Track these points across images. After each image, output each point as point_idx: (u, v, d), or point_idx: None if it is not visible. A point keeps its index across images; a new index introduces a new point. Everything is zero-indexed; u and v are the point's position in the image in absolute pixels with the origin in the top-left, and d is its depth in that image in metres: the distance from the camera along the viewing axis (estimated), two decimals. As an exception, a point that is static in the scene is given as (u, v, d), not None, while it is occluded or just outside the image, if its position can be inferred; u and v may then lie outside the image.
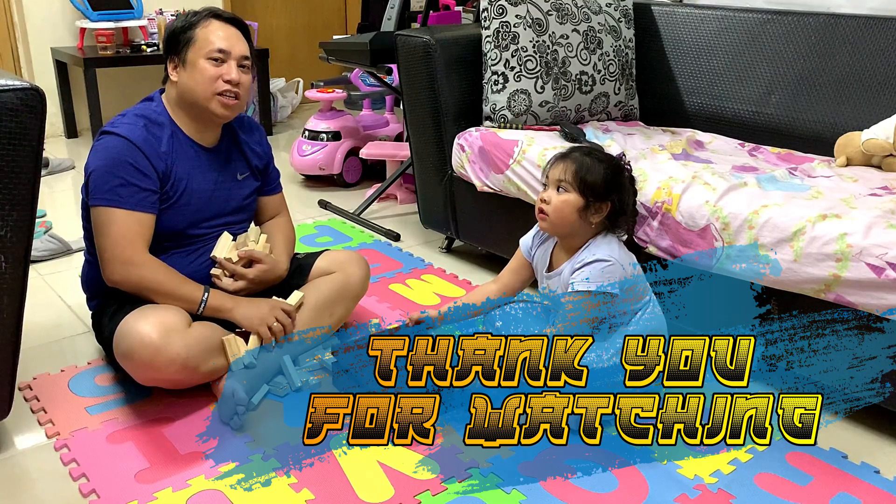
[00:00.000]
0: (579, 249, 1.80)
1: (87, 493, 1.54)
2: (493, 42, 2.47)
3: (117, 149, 1.77)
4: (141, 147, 1.78)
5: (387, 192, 3.33)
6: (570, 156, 1.79)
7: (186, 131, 1.88)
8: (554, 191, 1.78)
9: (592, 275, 1.73)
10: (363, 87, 4.03)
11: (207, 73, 1.82)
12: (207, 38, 1.83)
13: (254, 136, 2.04)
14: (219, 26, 1.85)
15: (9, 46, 4.27)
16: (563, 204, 1.76)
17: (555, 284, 1.84)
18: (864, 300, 1.67)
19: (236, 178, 1.99)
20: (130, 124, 1.81)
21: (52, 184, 3.56)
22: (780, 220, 1.78)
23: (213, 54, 1.82)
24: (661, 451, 1.69)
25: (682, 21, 2.80)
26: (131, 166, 1.76)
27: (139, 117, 1.83)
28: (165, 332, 1.67)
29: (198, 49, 1.83)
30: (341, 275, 2.04)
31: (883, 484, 1.61)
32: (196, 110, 1.86)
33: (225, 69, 1.83)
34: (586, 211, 1.76)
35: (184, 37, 1.84)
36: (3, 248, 1.49)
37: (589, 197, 1.75)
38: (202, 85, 1.82)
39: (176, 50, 1.85)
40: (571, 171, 1.76)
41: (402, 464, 1.64)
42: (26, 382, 1.92)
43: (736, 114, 2.63)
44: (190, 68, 1.83)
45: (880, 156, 2.19)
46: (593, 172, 1.75)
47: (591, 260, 1.75)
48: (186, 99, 1.85)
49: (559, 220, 1.78)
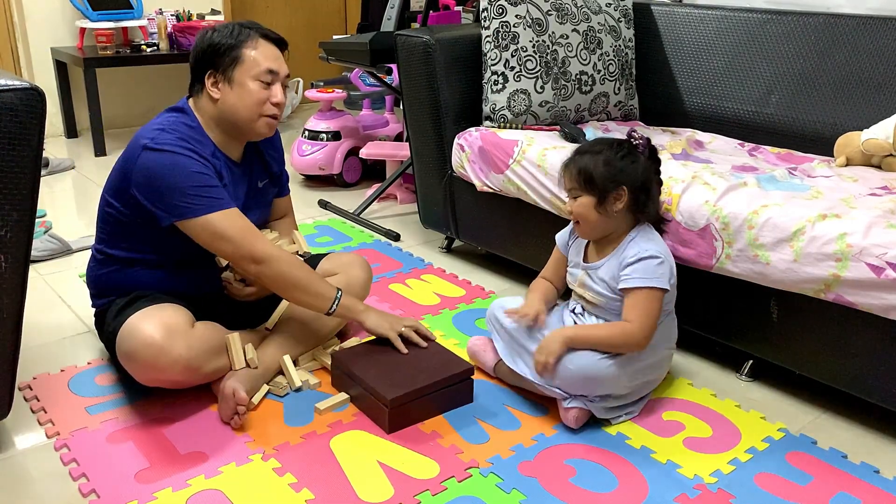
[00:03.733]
0: (620, 243, 1.81)
1: (86, 493, 1.54)
2: (493, 42, 2.47)
3: (178, 163, 1.71)
4: (196, 159, 1.74)
5: (387, 192, 3.34)
6: (572, 160, 1.81)
7: (220, 147, 1.86)
8: (571, 200, 1.81)
9: (646, 272, 1.74)
10: (363, 87, 4.03)
11: (257, 96, 1.80)
12: (256, 59, 1.80)
13: (272, 142, 2.04)
14: (266, 46, 1.82)
15: (9, 46, 4.27)
16: (581, 208, 1.78)
17: (594, 276, 1.83)
18: (863, 300, 1.67)
19: (258, 186, 1.99)
20: (174, 141, 1.74)
21: (52, 184, 3.56)
22: (780, 220, 1.78)
23: (263, 77, 1.80)
24: (660, 451, 1.70)
25: (682, 21, 2.80)
26: (199, 174, 1.72)
27: (180, 135, 1.76)
28: (168, 333, 1.67)
29: (246, 69, 1.79)
30: (344, 276, 2.04)
31: (883, 484, 1.61)
32: (236, 129, 1.85)
33: (273, 91, 1.82)
34: (604, 205, 1.77)
35: (231, 54, 1.79)
36: (3, 248, 1.49)
37: (599, 192, 1.76)
38: (251, 107, 1.81)
39: (218, 66, 1.80)
40: (574, 176, 1.79)
41: (402, 464, 1.64)
42: (26, 382, 1.93)
43: (736, 114, 2.63)
44: (238, 88, 1.80)
45: (880, 156, 2.19)
46: (592, 168, 1.77)
47: (644, 256, 1.75)
48: (228, 117, 1.83)
49: (588, 225, 1.80)
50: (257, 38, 1.83)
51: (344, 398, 1.83)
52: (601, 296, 1.81)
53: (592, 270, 1.84)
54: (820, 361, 1.83)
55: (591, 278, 1.84)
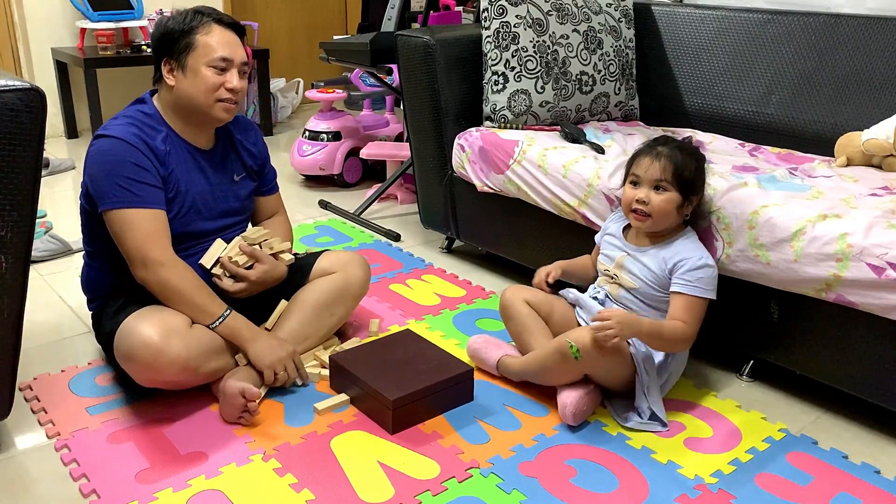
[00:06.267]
0: (667, 238, 1.83)
1: (87, 494, 1.54)
2: (494, 42, 2.47)
3: (116, 149, 1.75)
4: (137, 145, 1.76)
5: (387, 193, 3.34)
6: (663, 152, 1.80)
7: (181, 133, 1.86)
8: (651, 190, 1.79)
9: (704, 280, 1.77)
10: (363, 88, 4.03)
11: (210, 81, 1.79)
12: (209, 45, 1.79)
13: (249, 137, 2.02)
14: (220, 32, 1.81)
15: (9, 46, 4.27)
16: (667, 203, 1.78)
17: (637, 260, 1.85)
18: (864, 300, 1.67)
19: (233, 179, 1.97)
20: (123, 125, 1.78)
21: (52, 184, 3.56)
22: (781, 220, 1.78)
23: (216, 62, 1.79)
24: (661, 451, 1.70)
25: (682, 21, 2.80)
26: (133, 165, 1.74)
27: (131, 121, 1.80)
28: (166, 334, 1.67)
29: (199, 56, 1.79)
30: (342, 275, 2.04)
31: (883, 484, 1.61)
32: (194, 115, 1.85)
33: (228, 77, 1.81)
34: (683, 206, 1.80)
35: (183, 41, 1.79)
36: (4, 248, 1.49)
37: (688, 193, 1.78)
38: (205, 93, 1.80)
39: (172, 53, 1.81)
40: (671, 170, 1.77)
41: (402, 464, 1.64)
42: (27, 382, 1.93)
43: (736, 114, 2.63)
44: (191, 75, 1.80)
45: (880, 156, 2.19)
46: (689, 168, 1.78)
47: (708, 263, 1.78)
48: (185, 104, 1.83)
49: (662, 220, 1.80)
50: (211, 23, 1.81)
51: (344, 399, 1.83)
52: (639, 280, 1.83)
53: (635, 254, 1.85)
54: (820, 361, 1.83)
55: (634, 261, 1.85)
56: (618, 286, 1.87)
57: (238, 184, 1.99)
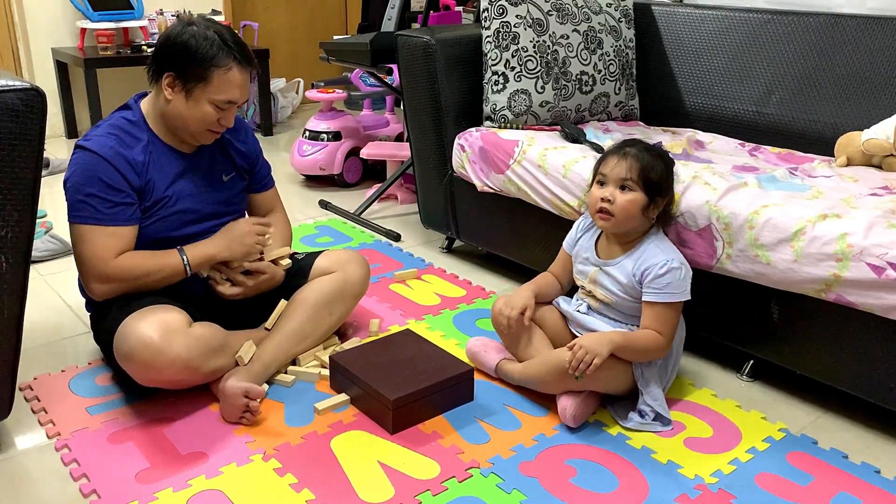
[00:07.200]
0: (635, 243, 1.82)
1: (87, 494, 1.54)
2: (494, 42, 2.47)
3: (87, 165, 1.76)
4: (112, 160, 1.76)
5: (387, 193, 3.34)
6: (630, 153, 1.78)
7: (165, 139, 1.86)
8: (617, 190, 1.77)
9: (672, 285, 1.75)
10: (363, 88, 4.03)
11: (209, 117, 1.80)
12: (222, 87, 1.77)
13: (238, 135, 2.01)
14: (236, 73, 1.78)
15: (9, 46, 4.27)
16: (630, 204, 1.76)
17: (608, 274, 1.84)
18: (864, 300, 1.67)
19: (222, 179, 1.97)
20: (102, 137, 1.79)
21: (52, 184, 3.56)
22: (781, 220, 1.78)
23: (220, 104, 1.79)
24: (661, 451, 1.70)
25: (682, 21, 2.80)
26: (101, 182, 1.75)
27: (113, 131, 1.80)
28: (166, 333, 1.67)
29: (209, 92, 1.77)
30: (341, 274, 2.03)
31: (883, 484, 1.61)
32: (180, 131, 1.85)
33: (225, 115, 1.82)
34: (648, 208, 1.78)
35: (198, 69, 1.75)
36: (4, 248, 1.49)
37: (654, 195, 1.77)
38: (198, 123, 1.81)
39: (181, 72, 1.76)
40: (637, 170, 1.76)
41: (402, 464, 1.64)
42: (27, 383, 1.93)
43: (736, 114, 2.63)
44: (192, 103, 1.78)
45: (881, 156, 2.19)
46: (656, 170, 1.77)
47: (674, 266, 1.75)
48: (174, 120, 1.83)
49: (625, 220, 1.78)
50: (231, 62, 1.77)
51: (344, 399, 1.83)
52: (613, 295, 1.82)
53: (606, 268, 1.84)
54: (820, 361, 1.83)
55: (605, 276, 1.84)
56: (596, 300, 1.88)
57: (227, 184, 1.98)
